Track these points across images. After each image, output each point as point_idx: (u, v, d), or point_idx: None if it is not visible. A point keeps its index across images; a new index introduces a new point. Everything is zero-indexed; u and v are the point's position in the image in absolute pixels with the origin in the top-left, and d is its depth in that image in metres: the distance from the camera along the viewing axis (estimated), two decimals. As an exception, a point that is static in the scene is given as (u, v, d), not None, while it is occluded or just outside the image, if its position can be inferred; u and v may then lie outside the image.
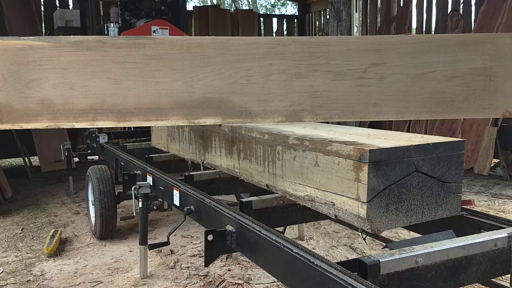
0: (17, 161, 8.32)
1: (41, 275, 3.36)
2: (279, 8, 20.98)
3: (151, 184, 3.08)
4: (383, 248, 2.15)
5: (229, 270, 3.32)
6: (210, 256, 1.98)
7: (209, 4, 17.46)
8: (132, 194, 3.16)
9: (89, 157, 6.87)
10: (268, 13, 19.07)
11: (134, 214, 3.30)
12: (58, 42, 1.55)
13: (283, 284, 2.33)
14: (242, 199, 2.31)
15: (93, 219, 4.14)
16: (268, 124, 2.47)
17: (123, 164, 3.83)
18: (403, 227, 1.93)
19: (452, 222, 1.92)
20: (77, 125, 1.59)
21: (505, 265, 1.71)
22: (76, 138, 7.84)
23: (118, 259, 3.65)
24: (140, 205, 3.12)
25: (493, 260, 1.68)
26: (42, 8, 8.64)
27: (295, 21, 11.70)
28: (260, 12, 18.10)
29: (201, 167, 3.12)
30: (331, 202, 1.83)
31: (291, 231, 4.04)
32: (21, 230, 4.45)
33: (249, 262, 3.38)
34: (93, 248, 3.91)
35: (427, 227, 1.98)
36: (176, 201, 2.65)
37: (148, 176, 3.17)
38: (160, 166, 3.45)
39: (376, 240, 3.53)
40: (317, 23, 11.17)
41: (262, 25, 11.21)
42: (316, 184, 1.91)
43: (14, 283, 3.23)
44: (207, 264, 2.01)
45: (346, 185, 1.74)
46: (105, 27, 5.76)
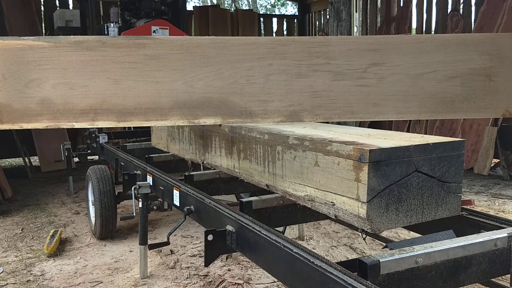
0: (17, 161, 8.32)
1: (41, 275, 3.36)
2: (279, 8, 20.98)
3: (151, 184, 3.08)
4: (383, 248, 2.15)
5: (229, 270, 3.32)
6: (210, 256, 1.98)
7: (209, 4, 17.45)
8: (132, 194, 3.16)
9: (89, 157, 6.87)
10: (268, 13, 19.07)
11: (134, 214, 3.30)
12: (58, 42, 1.55)
13: (283, 284, 2.33)
14: (242, 199, 2.31)
15: (93, 219, 4.14)
16: (268, 124, 2.47)
17: (123, 164, 3.83)
18: (403, 227, 1.93)
19: (452, 222, 1.92)
20: (77, 125, 1.60)
21: (505, 265, 1.71)
22: (76, 138, 7.84)
23: (118, 259, 3.65)
24: (140, 205, 3.12)
25: (493, 260, 1.68)
26: (42, 8, 8.64)
27: (295, 21, 11.70)
28: (260, 12, 18.10)
29: (201, 167, 3.12)
30: (331, 202, 1.83)
31: (291, 231, 4.04)
32: (21, 230, 4.45)
33: (249, 262, 3.38)
34: (93, 248, 3.91)
35: (427, 227, 1.98)
36: (176, 201, 2.65)
37: (148, 176, 3.17)
38: (160, 166, 3.45)
39: (376, 240, 3.53)
40: (317, 23, 11.17)
41: (262, 25, 11.21)
42: (316, 184, 1.91)
43: (14, 283, 3.23)
44: (207, 264, 2.01)
45: (346, 185, 1.74)
46: (105, 27, 5.76)
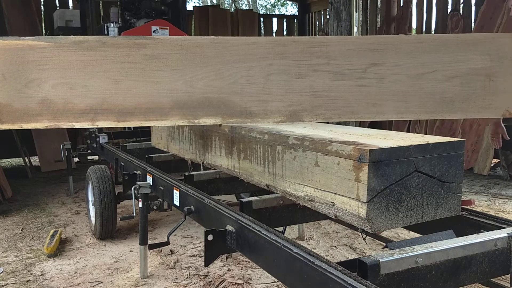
0: (17, 161, 8.32)
1: (41, 275, 3.36)
2: (279, 8, 20.98)
3: (151, 184, 3.08)
4: (383, 248, 2.15)
5: (229, 270, 3.32)
6: (210, 256, 1.98)
7: (209, 4, 17.45)
8: (132, 194, 3.16)
9: (89, 157, 6.87)
10: (268, 13, 19.07)
11: (134, 214, 3.30)
12: (58, 42, 1.55)
13: (283, 284, 2.33)
14: (242, 199, 2.31)
15: (93, 219, 4.14)
16: (268, 124, 2.47)
17: (123, 164, 3.83)
18: (403, 227, 1.93)
19: (452, 222, 1.92)
20: (77, 125, 1.60)
21: (505, 265, 1.71)
22: (76, 138, 7.84)
23: (118, 259, 3.65)
24: (140, 205, 3.12)
25: (493, 260, 1.68)
26: (42, 8, 8.64)
27: (295, 21, 11.69)
28: (260, 12, 18.10)
29: (201, 167, 3.12)
30: (331, 202, 1.83)
31: (291, 231, 4.04)
32: (21, 230, 4.45)
33: (249, 262, 3.38)
34: (93, 248, 3.91)
35: (427, 227, 1.98)
36: (176, 201, 2.65)
37: (148, 176, 3.17)
38: (160, 166, 3.45)
39: (376, 240, 3.53)
40: (317, 23, 11.17)
41: (262, 25, 11.21)
42: (316, 184, 1.91)
43: (14, 283, 3.23)
44: (207, 264, 2.01)
45: (346, 185, 1.74)
46: (105, 27, 5.76)
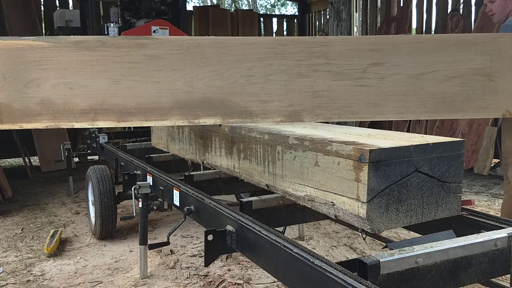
0: (17, 161, 8.32)
1: (41, 275, 3.36)
2: (279, 8, 20.99)
3: (151, 184, 3.08)
4: (383, 248, 2.15)
5: (229, 270, 3.32)
6: (210, 256, 1.98)
7: (209, 4, 17.46)
8: (132, 194, 3.16)
9: (89, 157, 6.87)
10: (268, 13, 19.08)
11: (134, 214, 3.30)
12: (58, 42, 1.56)
13: (283, 284, 2.33)
14: (242, 199, 2.31)
15: (93, 219, 4.14)
16: (268, 124, 2.47)
17: (123, 164, 3.83)
18: (403, 227, 1.93)
19: (452, 222, 1.92)
20: (77, 125, 1.60)
21: (505, 265, 1.71)
22: (76, 138, 7.84)
23: (118, 259, 3.65)
24: (140, 205, 3.12)
25: (493, 260, 1.68)
26: (42, 8, 8.64)
27: (295, 21, 11.69)
28: (260, 12, 18.11)
29: (201, 167, 3.12)
30: (331, 202, 1.83)
31: (291, 231, 4.04)
32: (21, 230, 4.45)
33: (249, 262, 3.38)
34: (93, 248, 3.91)
35: (427, 227, 1.98)
36: (176, 201, 2.65)
37: (148, 176, 3.17)
38: (160, 166, 3.45)
39: (376, 240, 3.53)
40: (317, 23, 11.17)
41: (262, 25, 11.21)
42: (316, 184, 1.91)
43: (14, 283, 3.23)
44: (207, 264, 2.01)
45: (346, 185, 1.74)
46: (105, 27, 5.76)
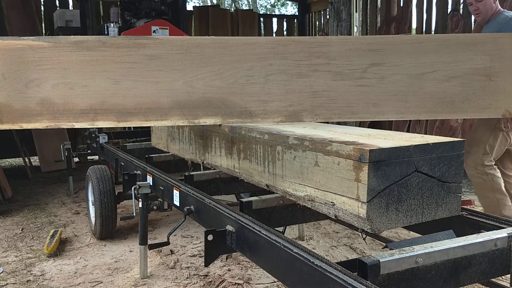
0: (17, 161, 8.32)
1: (41, 275, 3.36)
2: (279, 8, 20.98)
3: (151, 184, 3.08)
4: (383, 248, 2.15)
5: (229, 270, 3.32)
6: (210, 256, 1.98)
7: (209, 4, 17.46)
8: (132, 194, 3.16)
9: (89, 157, 6.87)
10: (268, 13, 19.07)
11: (134, 214, 3.30)
12: (58, 42, 1.56)
13: (283, 284, 2.33)
14: (242, 199, 2.31)
15: (93, 219, 4.14)
16: (268, 124, 2.47)
17: (123, 164, 3.83)
18: (403, 227, 1.93)
19: (452, 222, 1.92)
20: (77, 125, 1.60)
21: (505, 265, 1.71)
22: (76, 138, 7.84)
23: (118, 259, 3.65)
24: (140, 205, 3.12)
25: (493, 260, 1.68)
26: (42, 8, 8.64)
27: (295, 21, 11.69)
28: (260, 12, 18.10)
29: (201, 167, 3.12)
30: (331, 202, 1.83)
31: (291, 231, 4.04)
32: (21, 230, 4.45)
33: (249, 262, 3.38)
34: (93, 248, 3.91)
35: (427, 227, 1.98)
36: (176, 201, 2.65)
37: (148, 176, 3.17)
38: (160, 166, 3.45)
39: (376, 240, 3.53)
40: (317, 23, 11.17)
41: (262, 25, 11.20)
42: (316, 184, 1.91)
43: (14, 283, 3.23)
44: (207, 264, 2.01)
45: (346, 185, 1.74)
46: (105, 27, 5.75)
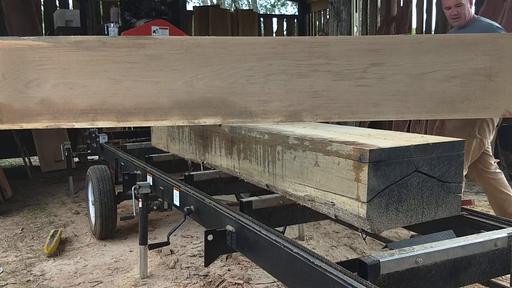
0: (17, 161, 8.32)
1: (41, 275, 3.36)
2: (279, 8, 20.98)
3: (151, 184, 3.08)
4: (383, 248, 2.15)
5: (229, 270, 3.32)
6: (210, 256, 1.98)
7: (209, 4, 17.45)
8: (132, 194, 3.16)
9: (89, 157, 6.87)
10: (268, 13, 19.06)
11: (134, 214, 3.30)
12: (58, 42, 1.56)
13: (283, 284, 2.33)
14: (242, 199, 2.31)
15: (93, 219, 4.14)
16: (268, 124, 2.47)
17: (123, 164, 3.83)
18: (403, 227, 1.93)
19: (452, 222, 1.92)
20: (77, 125, 1.60)
21: (505, 265, 1.71)
22: (76, 138, 7.84)
23: (118, 259, 3.65)
24: (140, 205, 3.12)
25: (493, 260, 1.68)
26: (42, 8, 8.64)
27: (295, 21, 11.69)
28: (260, 12, 18.09)
29: (201, 167, 3.12)
30: (331, 202, 1.83)
31: (291, 231, 4.04)
32: (21, 230, 4.45)
33: (249, 262, 3.38)
34: (93, 248, 3.91)
35: (427, 227, 1.98)
36: (176, 201, 2.65)
37: (148, 176, 3.17)
38: (160, 166, 3.45)
39: (376, 240, 3.53)
40: (317, 23, 11.17)
41: (262, 25, 11.20)
42: (316, 184, 1.91)
43: (14, 283, 3.23)
44: (207, 264, 2.01)
45: (346, 185, 1.74)
46: (105, 27, 5.75)
